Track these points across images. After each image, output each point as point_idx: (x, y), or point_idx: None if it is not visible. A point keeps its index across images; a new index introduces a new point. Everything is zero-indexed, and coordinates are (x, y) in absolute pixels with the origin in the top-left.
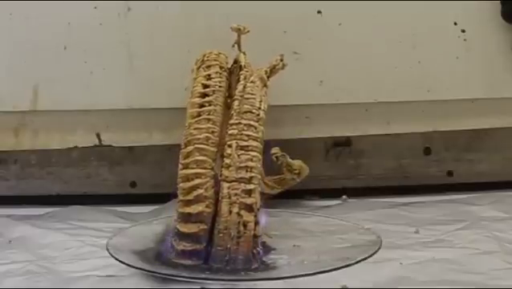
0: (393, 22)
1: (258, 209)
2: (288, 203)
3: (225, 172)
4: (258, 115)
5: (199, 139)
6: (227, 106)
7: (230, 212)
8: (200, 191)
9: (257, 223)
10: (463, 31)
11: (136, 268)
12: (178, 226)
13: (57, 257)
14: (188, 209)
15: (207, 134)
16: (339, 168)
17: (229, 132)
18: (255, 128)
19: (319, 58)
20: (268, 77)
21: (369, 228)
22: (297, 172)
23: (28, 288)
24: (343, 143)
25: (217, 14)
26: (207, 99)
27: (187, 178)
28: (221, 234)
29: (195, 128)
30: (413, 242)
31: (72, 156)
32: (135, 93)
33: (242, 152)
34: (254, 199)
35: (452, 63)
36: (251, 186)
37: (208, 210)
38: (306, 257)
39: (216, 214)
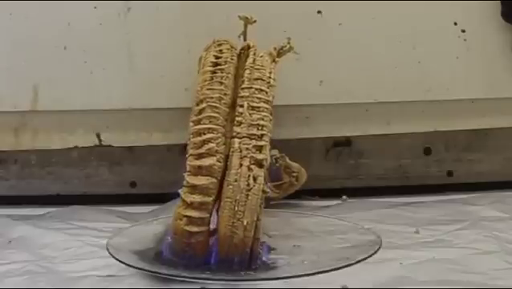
0: (393, 22)
1: (268, 169)
2: (288, 203)
3: (237, 129)
4: (269, 82)
5: (212, 98)
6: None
7: (241, 165)
8: (211, 145)
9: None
10: (463, 31)
11: (136, 268)
12: (188, 179)
13: (57, 257)
14: (199, 162)
15: (220, 95)
16: (339, 168)
17: (240, 94)
18: (266, 92)
19: (319, 58)
20: (276, 55)
21: (369, 228)
22: (296, 174)
23: (28, 288)
24: (343, 143)
25: (217, 14)
26: (219, 67)
27: (199, 133)
28: (230, 186)
29: (208, 89)
30: (413, 242)
31: (72, 156)
32: (135, 93)
33: (254, 112)
34: (265, 155)
35: (452, 63)
36: (262, 143)
37: (218, 164)
38: (306, 257)
39: (226, 169)
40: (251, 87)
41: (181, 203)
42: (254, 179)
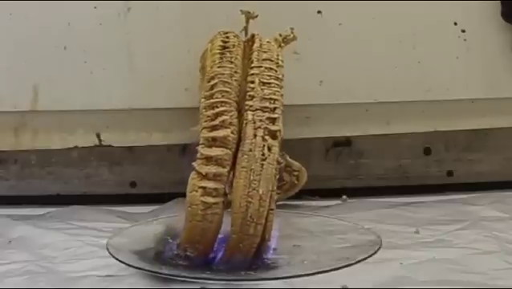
0: (393, 22)
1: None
2: (288, 203)
3: (249, 103)
4: (277, 63)
5: (223, 74)
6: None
7: (255, 135)
8: (225, 117)
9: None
10: (463, 31)
11: (136, 268)
12: (202, 151)
13: (57, 257)
14: (213, 134)
15: (231, 72)
16: (339, 168)
17: (250, 72)
18: (276, 71)
19: (319, 58)
20: (281, 41)
21: (369, 228)
22: (296, 174)
23: (28, 288)
24: (343, 143)
25: (217, 14)
26: (227, 50)
27: (212, 107)
28: (245, 156)
29: (219, 67)
30: (413, 242)
31: (72, 156)
32: (135, 93)
33: (265, 87)
34: (278, 127)
35: (452, 63)
36: (275, 115)
37: (233, 136)
38: (306, 257)
39: (239, 142)
40: (261, 66)
41: (196, 175)
42: (269, 149)
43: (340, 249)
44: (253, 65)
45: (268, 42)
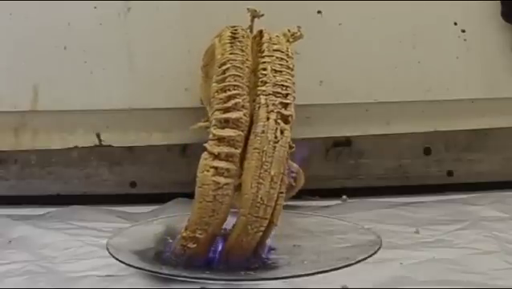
0: (393, 22)
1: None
2: (288, 203)
3: (262, 88)
4: (288, 54)
5: (235, 60)
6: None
7: (268, 118)
8: (237, 100)
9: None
10: (463, 31)
11: (136, 268)
12: (214, 132)
13: (57, 257)
14: (225, 116)
15: (242, 59)
16: (339, 168)
17: (262, 61)
18: (286, 60)
19: (319, 58)
20: (290, 37)
21: (369, 228)
22: (294, 175)
23: (28, 288)
24: (343, 143)
25: (217, 14)
26: (237, 40)
27: (224, 90)
28: (258, 138)
29: (231, 53)
30: (413, 242)
31: (72, 156)
32: (135, 93)
33: (277, 74)
34: (291, 112)
35: (452, 63)
36: (288, 100)
37: (245, 118)
38: (306, 257)
39: (251, 124)
40: (272, 56)
41: (208, 155)
42: (281, 132)
43: (340, 249)
44: (264, 54)
45: (277, 36)
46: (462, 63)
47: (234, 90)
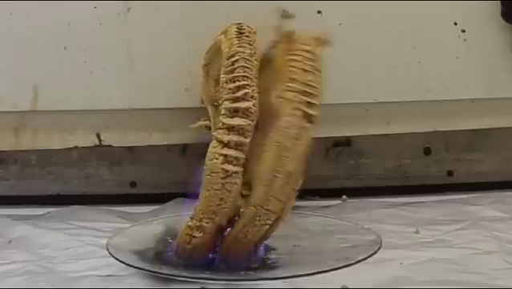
0: (393, 22)
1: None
2: None
3: (291, 84)
4: (318, 57)
5: (244, 52)
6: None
7: (292, 114)
8: (247, 90)
9: None
10: (463, 31)
11: (136, 268)
12: (224, 120)
13: (57, 257)
14: (235, 105)
15: (251, 52)
16: (339, 168)
17: (292, 58)
18: (315, 61)
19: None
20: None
21: (369, 228)
22: None
23: (28, 288)
24: (343, 143)
25: (217, 14)
26: (244, 35)
27: (233, 80)
28: (280, 131)
29: (239, 46)
30: (413, 242)
31: (72, 156)
32: (135, 93)
33: (306, 74)
34: (316, 112)
35: (452, 63)
36: (314, 101)
37: (254, 108)
38: (306, 257)
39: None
40: (302, 55)
41: (217, 143)
42: (304, 130)
43: (340, 249)
44: (295, 52)
45: (308, 38)
46: (462, 63)
47: (243, 80)
